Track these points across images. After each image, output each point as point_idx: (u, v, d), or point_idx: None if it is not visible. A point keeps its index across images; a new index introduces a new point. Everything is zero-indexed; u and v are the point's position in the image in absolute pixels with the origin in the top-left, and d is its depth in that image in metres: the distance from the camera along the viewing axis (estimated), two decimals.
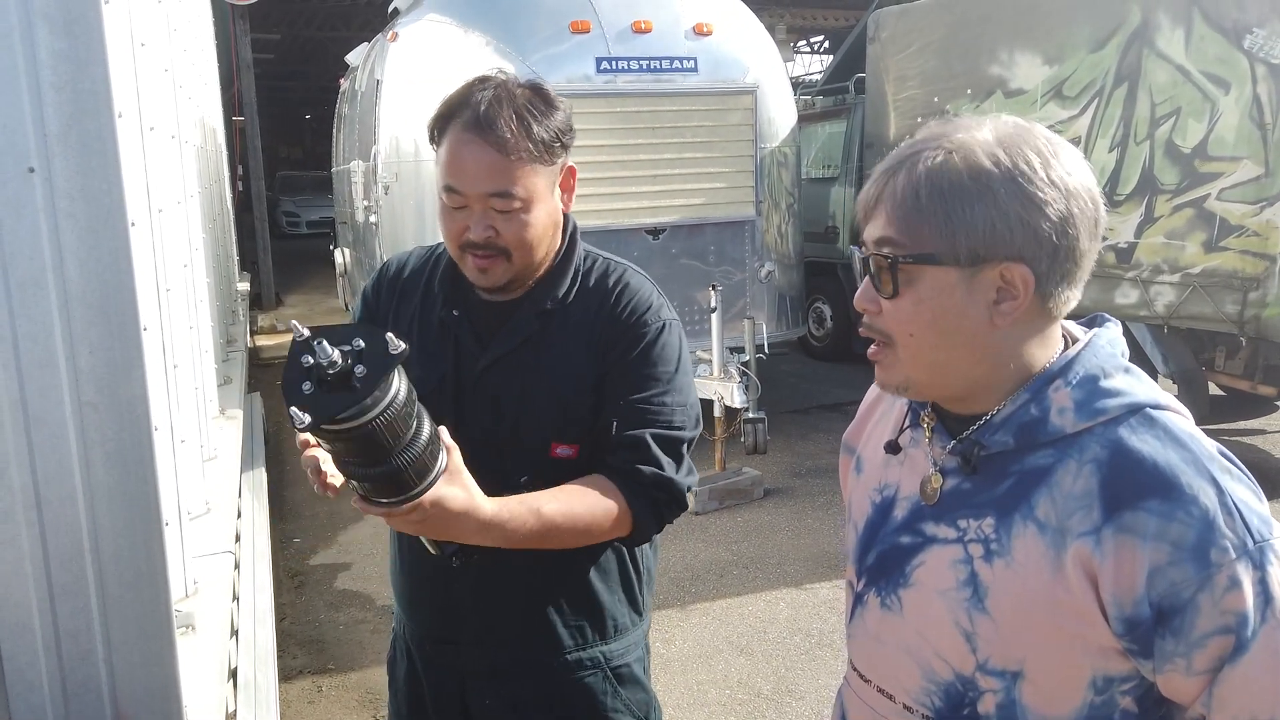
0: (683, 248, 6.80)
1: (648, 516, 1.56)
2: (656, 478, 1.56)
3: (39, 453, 1.28)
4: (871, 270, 1.08)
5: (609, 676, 1.71)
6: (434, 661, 1.74)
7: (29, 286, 1.25)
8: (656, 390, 1.59)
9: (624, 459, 1.56)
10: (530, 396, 1.60)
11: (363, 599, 4.75)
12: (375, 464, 1.26)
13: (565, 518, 1.48)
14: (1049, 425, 1.06)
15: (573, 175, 1.63)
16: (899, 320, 1.08)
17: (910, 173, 1.05)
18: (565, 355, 1.61)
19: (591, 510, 1.50)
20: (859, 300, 1.11)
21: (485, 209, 1.52)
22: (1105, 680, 1.05)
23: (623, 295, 1.63)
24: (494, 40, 6.31)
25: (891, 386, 1.13)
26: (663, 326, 1.62)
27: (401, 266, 1.75)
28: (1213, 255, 5.64)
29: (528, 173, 1.51)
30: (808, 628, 4.32)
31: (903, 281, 1.05)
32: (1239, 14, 5.40)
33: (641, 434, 1.56)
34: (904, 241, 1.05)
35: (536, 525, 1.44)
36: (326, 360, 1.17)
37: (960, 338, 1.07)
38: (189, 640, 2.00)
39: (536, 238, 1.56)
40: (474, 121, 1.49)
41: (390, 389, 1.22)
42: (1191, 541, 0.97)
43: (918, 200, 1.03)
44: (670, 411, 1.59)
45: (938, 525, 1.13)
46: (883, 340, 1.10)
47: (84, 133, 1.25)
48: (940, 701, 1.13)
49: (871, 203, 1.08)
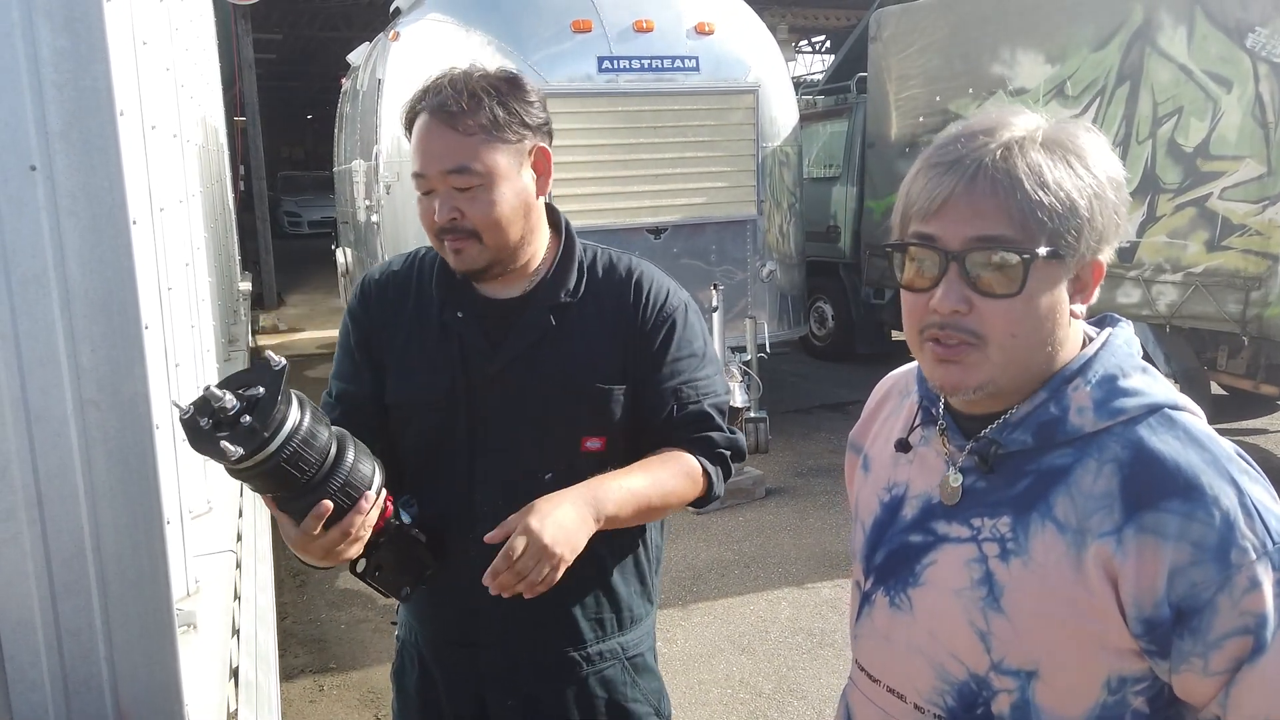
0: (684, 247, 6.80)
1: (720, 471, 1.69)
2: (728, 440, 1.68)
3: (40, 451, 1.28)
4: (968, 269, 1.01)
5: (626, 667, 1.71)
6: (451, 666, 1.71)
7: (31, 284, 1.25)
8: (698, 368, 1.68)
9: (692, 432, 1.65)
10: (556, 392, 1.60)
11: (364, 598, 4.75)
12: (307, 489, 1.32)
13: (660, 490, 1.56)
14: (1068, 424, 1.05)
15: (546, 158, 1.61)
16: (1005, 320, 1.02)
17: (1007, 164, 0.99)
18: (587, 348, 1.61)
19: (675, 476, 1.60)
20: (945, 301, 1.02)
21: (448, 189, 1.53)
22: (1120, 680, 1.04)
23: (640, 286, 1.66)
24: (495, 39, 6.31)
25: (970, 388, 1.05)
26: (685, 308, 1.70)
27: (384, 278, 1.73)
28: (1215, 254, 5.63)
29: (485, 149, 1.52)
30: (809, 627, 4.32)
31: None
32: (1241, 13, 5.40)
33: (701, 407, 1.66)
34: (1018, 237, 0.99)
35: (640, 504, 1.54)
36: (217, 403, 1.23)
37: (1054, 334, 1.05)
38: (190, 639, 2.00)
39: (504, 217, 1.55)
40: (431, 105, 1.54)
41: (291, 400, 1.28)
42: (1213, 542, 0.96)
43: (1039, 194, 0.98)
44: (714, 383, 1.70)
45: (950, 524, 1.12)
46: (967, 341, 1.03)
47: (86, 131, 1.26)
48: (953, 701, 1.12)
49: (944, 197, 1.01)
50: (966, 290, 1.02)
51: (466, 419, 1.60)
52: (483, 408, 1.60)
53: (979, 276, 1.01)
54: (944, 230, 1.02)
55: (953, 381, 1.06)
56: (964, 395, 1.07)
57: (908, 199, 1.06)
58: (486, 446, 1.59)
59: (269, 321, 12.39)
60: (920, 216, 1.04)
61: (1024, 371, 1.06)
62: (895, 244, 1.08)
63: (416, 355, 1.64)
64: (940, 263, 1.03)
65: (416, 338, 1.65)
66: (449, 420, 1.61)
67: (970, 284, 1.02)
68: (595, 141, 6.34)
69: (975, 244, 1.01)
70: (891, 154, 8.06)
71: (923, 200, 1.03)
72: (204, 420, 1.24)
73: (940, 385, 1.08)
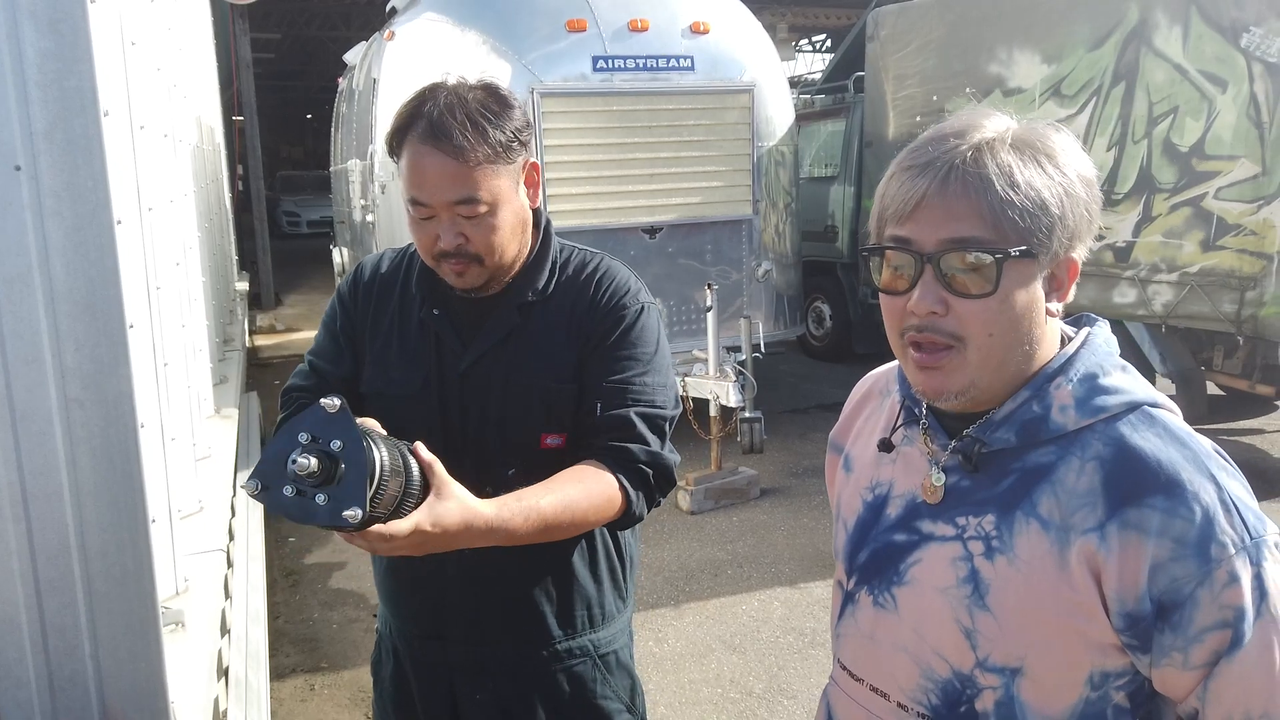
0: (680, 247, 6.80)
1: (641, 494, 1.57)
2: (647, 453, 1.57)
3: (25, 449, 1.29)
4: (943, 270, 1.02)
5: (597, 664, 1.72)
6: (422, 659, 1.74)
7: (15, 283, 1.26)
8: (637, 370, 1.60)
9: (611, 439, 1.56)
10: (516, 390, 1.60)
11: (356, 598, 4.76)
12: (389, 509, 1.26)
13: (565, 508, 1.46)
14: (1051, 423, 1.06)
15: (536, 170, 1.63)
16: (982, 320, 1.03)
17: (978, 166, 1.00)
18: (548, 345, 1.62)
19: (589, 495, 1.50)
20: (921, 304, 1.03)
21: (452, 217, 1.52)
22: (1102, 676, 1.05)
23: (601, 282, 1.64)
24: (490, 39, 6.31)
25: (952, 393, 1.06)
26: (641, 309, 1.64)
27: (376, 268, 1.75)
28: (1210, 254, 5.64)
29: (489, 175, 1.51)
30: (801, 627, 4.32)
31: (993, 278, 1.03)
32: (1236, 12, 5.40)
33: (626, 412, 1.57)
34: (990, 237, 1.00)
35: (539, 520, 1.44)
36: (306, 471, 1.16)
37: (1030, 333, 1.06)
38: (179, 637, 2.01)
39: (505, 240, 1.57)
40: (429, 133, 1.49)
41: (375, 445, 1.22)
42: (1194, 538, 0.98)
43: (1009, 194, 0.99)
44: (652, 391, 1.60)
45: (935, 523, 1.13)
46: (947, 344, 1.04)
47: (70, 131, 1.26)
48: (937, 699, 1.12)
49: (916, 200, 1.02)
50: (942, 291, 1.03)
51: (438, 414, 1.61)
52: (453, 403, 1.62)
53: (954, 277, 1.02)
54: (918, 233, 1.03)
55: (935, 387, 1.07)
56: (946, 400, 1.08)
57: (882, 203, 1.07)
58: (455, 441, 1.60)
59: (266, 321, 12.39)
60: (895, 220, 1.05)
61: (1003, 371, 1.07)
62: (871, 248, 1.09)
63: (395, 349, 1.66)
64: (915, 265, 1.04)
65: (397, 332, 1.67)
66: (422, 414, 1.62)
67: (945, 285, 1.03)
68: (590, 141, 6.34)
69: (949, 245, 1.01)
70: (889, 153, 8.04)
71: (896, 203, 1.04)
72: (288, 489, 1.19)
73: (923, 391, 1.09)
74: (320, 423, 1.20)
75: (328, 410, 1.20)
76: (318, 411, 1.20)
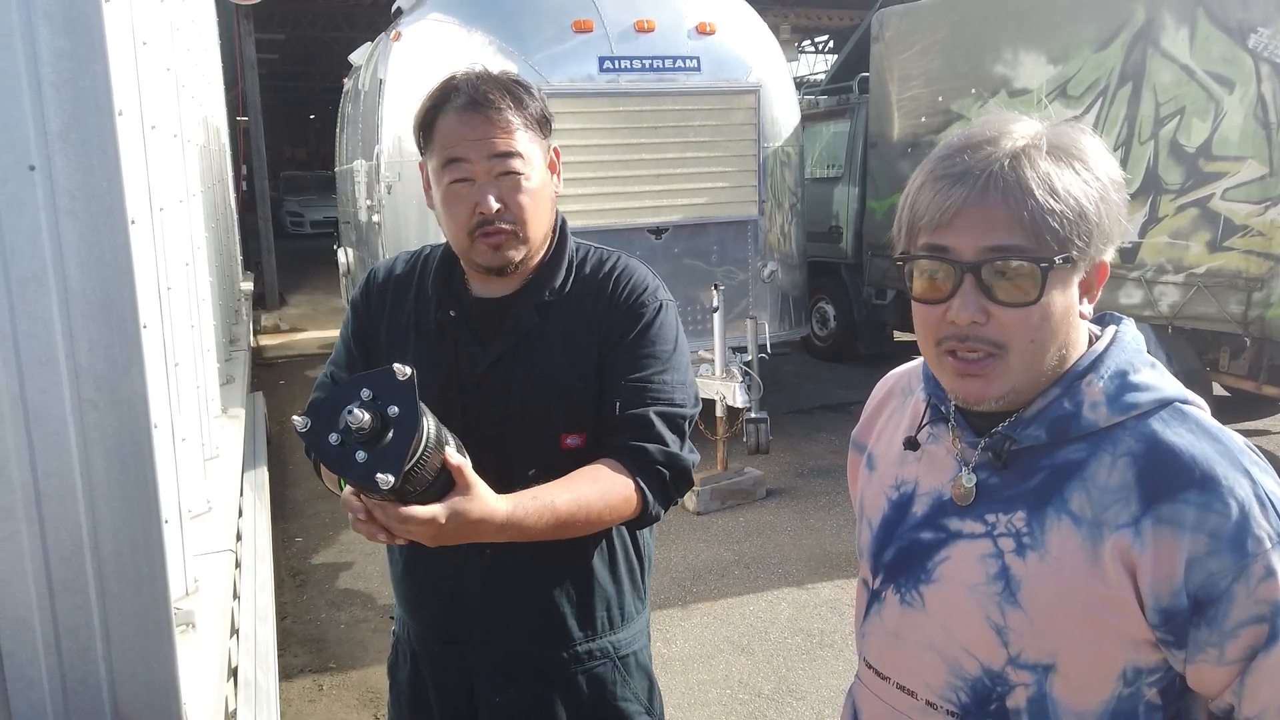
0: (685, 247, 6.80)
1: (658, 493, 1.56)
2: (665, 454, 1.56)
3: (39, 449, 1.28)
4: (984, 280, 1.02)
5: (617, 666, 1.71)
6: (440, 662, 1.72)
7: (29, 284, 1.25)
8: (656, 369, 1.59)
9: (629, 438, 1.56)
10: (537, 390, 1.60)
11: (364, 598, 4.76)
12: (426, 483, 1.26)
13: (580, 506, 1.46)
14: (1082, 420, 1.07)
15: (558, 157, 1.65)
16: (1024, 328, 1.03)
17: (1017, 174, 1.00)
18: (568, 345, 1.61)
19: (604, 494, 1.49)
20: (963, 313, 1.03)
21: (491, 178, 1.53)
22: (1135, 672, 1.05)
23: (620, 280, 1.64)
24: (497, 40, 6.31)
25: (992, 398, 1.07)
26: (660, 307, 1.63)
27: (389, 273, 1.74)
28: (1217, 255, 5.63)
29: (526, 139, 1.54)
30: (809, 628, 4.32)
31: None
32: (1244, 13, 5.39)
33: (645, 412, 1.56)
34: (1031, 245, 1.00)
35: (552, 518, 1.43)
36: (357, 424, 1.17)
37: (1067, 336, 1.07)
38: (189, 638, 2.00)
39: (539, 212, 1.57)
40: (469, 102, 1.52)
41: (426, 413, 1.23)
42: (1229, 532, 0.98)
43: (1050, 202, 0.99)
44: (671, 389, 1.59)
45: (963, 520, 1.13)
46: (988, 352, 1.04)
47: (84, 131, 1.26)
48: (966, 697, 1.12)
49: (955, 209, 1.02)
50: (983, 300, 1.03)
51: (458, 415, 1.60)
52: (472, 405, 1.61)
53: (995, 286, 1.02)
54: (957, 242, 1.03)
55: (975, 394, 1.07)
56: (986, 406, 1.08)
57: (914, 211, 1.06)
58: (475, 443, 1.60)
59: (271, 321, 12.41)
60: (930, 229, 1.05)
61: (1040, 374, 1.08)
62: (907, 256, 1.08)
63: (413, 353, 1.65)
64: (955, 274, 1.04)
65: (414, 336, 1.66)
66: (442, 417, 1.61)
67: (987, 294, 1.03)
68: (596, 142, 6.34)
69: (991, 254, 1.02)
70: (893, 154, 8.05)
71: (932, 212, 1.04)
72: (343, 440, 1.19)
73: (963, 398, 1.09)
74: (386, 386, 1.21)
75: (398, 376, 1.21)
76: (389, 374, 1.21)
